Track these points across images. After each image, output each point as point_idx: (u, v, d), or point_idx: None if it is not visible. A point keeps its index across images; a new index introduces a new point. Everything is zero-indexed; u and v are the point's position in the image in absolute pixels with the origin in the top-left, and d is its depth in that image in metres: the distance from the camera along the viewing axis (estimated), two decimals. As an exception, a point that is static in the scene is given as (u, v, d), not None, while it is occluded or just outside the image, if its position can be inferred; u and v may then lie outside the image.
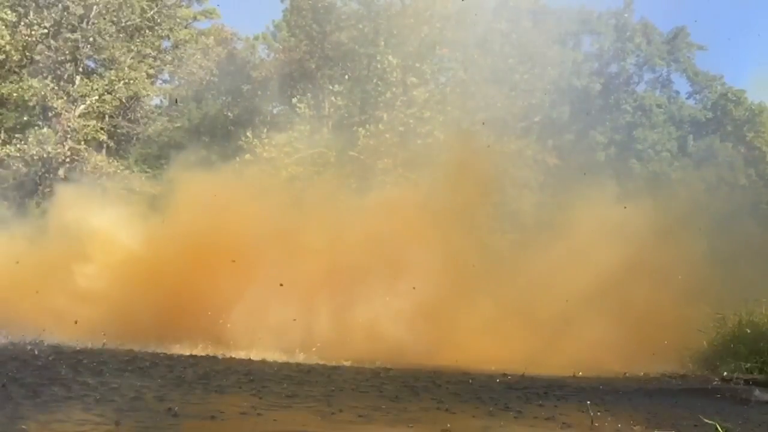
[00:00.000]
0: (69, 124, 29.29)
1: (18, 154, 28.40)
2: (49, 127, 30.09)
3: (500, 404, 6.30)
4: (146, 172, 33.37)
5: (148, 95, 33.91)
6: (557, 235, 15.63)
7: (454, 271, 14.07)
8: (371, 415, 5.38)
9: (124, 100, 32.57)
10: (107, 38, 31.02)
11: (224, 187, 15.20)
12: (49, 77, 30.20)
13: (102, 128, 32.01)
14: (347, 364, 9.67)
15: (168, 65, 35.41)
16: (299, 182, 29.07)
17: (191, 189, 15.22)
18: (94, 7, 30.21)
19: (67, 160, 29.98)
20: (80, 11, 30.07)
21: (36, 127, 29.90)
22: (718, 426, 4.54)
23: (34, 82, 28.77)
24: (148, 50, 33.24)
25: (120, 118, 35.19)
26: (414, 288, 12.79)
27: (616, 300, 13.34)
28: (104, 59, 32.48)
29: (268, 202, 14.89)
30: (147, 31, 33.05)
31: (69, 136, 29.58)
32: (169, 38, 34.97)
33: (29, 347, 8.84)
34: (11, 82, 28.85)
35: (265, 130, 33.39)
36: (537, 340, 12.43)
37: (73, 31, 30.63)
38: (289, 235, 13.86)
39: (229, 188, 15.48)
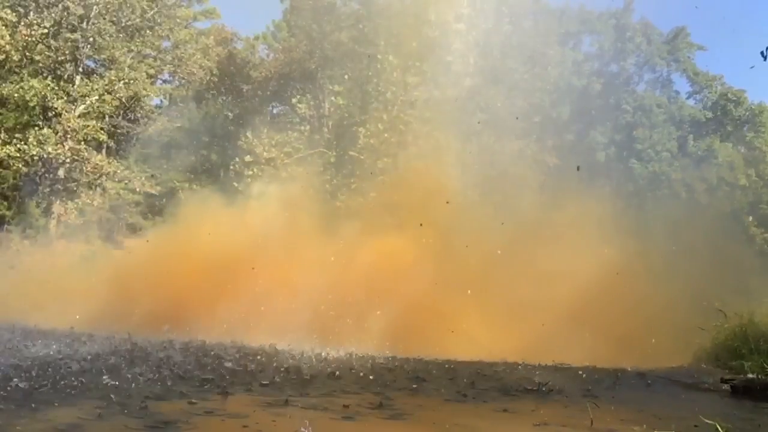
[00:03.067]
0: (69, 124, 29.27)
1: (18, 154, 28.38)
2: (49, 127, 30.07)
3: (499, 403, 6.29)
4: (146, 172, 33.37)
5: (148, 95, 33.90)
6: (554, 237, 15.77)
7: (450, 271, 14.33)
8: (366, 411, 5.38)
9: (124, 100, 32.56)
10: (107, 38, 31.01)
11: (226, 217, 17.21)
12: (49, 77, 30.20)
13: (102, 128, 32.00)
14: (344, 357, 9.68)
15: (168, 65, 35.40)
16: (299, 182, 29.10)
17: (199, 219, 17.15)
18: (94, 7, 30.19)
19: (67, 160, 29.97)
20: (80, 11, 30.06)
21: (36, 127, 29.88)
22: (718, 426, 4.54)
23: (35, 82, 28.75)
24: (148, 50, 33.24)
25: (120, 118, 35.18)
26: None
27: (612, 301, 13.51)
28: (104, 59, 32.47)
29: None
30: (147, 31, 33.04)
31: (69, 136, 29.56)
32: (169, 38, 34.96)
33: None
34: (11, 82, 28.84)
35: (265, 130, 33.41)
36: (534, 337, 12.55)
37: (73, 31, 30.63)
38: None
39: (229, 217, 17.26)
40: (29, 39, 28.97)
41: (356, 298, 13.66)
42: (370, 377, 7.62)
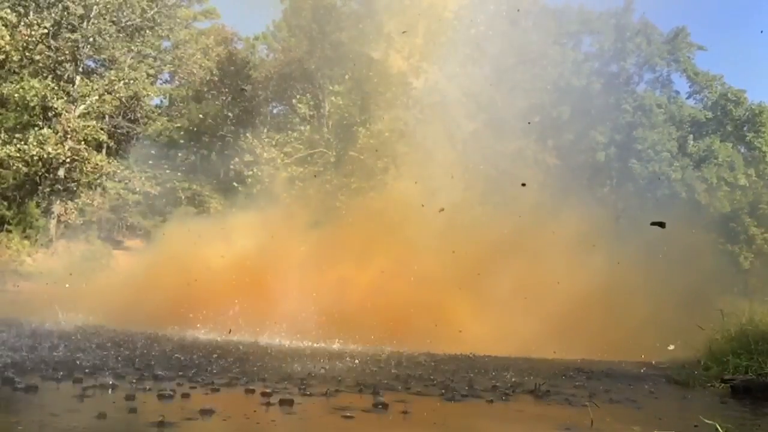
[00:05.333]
0: (69, 124, 29.26)
1: (18, 154, 28.37)
2: (49, 127, 30.06)
3: (498, 403, 6.30)
4: (146, 172, 33.39)
5: (148, 95, 33.90)
6: (552, 238, 15.92)
7: (448, 271, 14.51)
8: (366, 411, 5.39)
9: (124, 100, 32.55)
10: (107, 38, 31.00)
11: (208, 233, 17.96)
12: (49, 77, 30.18)
13: (102, 128, 31.99)
14: (345, 356, 9.71)
15: (168, 65, 35.39)
16: (299, 182, 29.12)
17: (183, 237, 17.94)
18: (94, 7, 30.18)
19: (67, 160, 29.96)
20: (80, 11, 30.05)
21: (36, 127, 29.87)
22: (718, 426, 4.54)
23: (35, 82, 28.74)
24: (148, 50, 33.22)
25: (120, 118, 35.17)
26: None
27: (606, 302, 13.67)
28: (104, 59, 32.47)
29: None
30: (147, 31, 33.03)
31: (69, 136, 29.55)
32: (169, 38, 34.95)
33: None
34: (11, 82, 28.82)
35: (265, 130, 33.38)
36: (530, 335, 12.67)
37: (73, 31, 30.62)
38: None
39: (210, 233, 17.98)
40: (29, 39, 28.96)
41: (356, 297, 13.74)
42: (370, 377, 7.62)
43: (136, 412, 4.92)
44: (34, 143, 28.50)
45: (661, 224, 9.09)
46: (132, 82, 30.92)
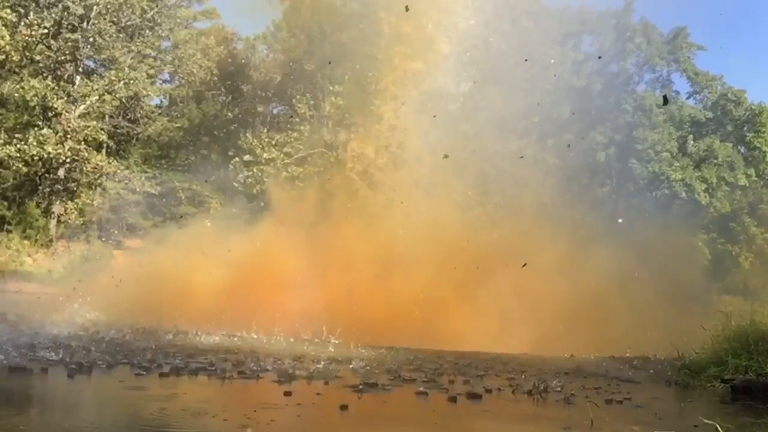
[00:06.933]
0: (69, 124, 29.27)
1: (18, 154, 28.37)
2: (49, 127, 30.06)
3: (498, 403, 6.29)
4: (146, 172, 33.38)
5: (148, 95, 33.89)
6: (551, 239, 16.00)
7: (449, 269, 14.58)
8: (365, 411, 5.39)
9: (124, 100, 32.55)
10: (107, 38, 31.02)
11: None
12: (49, 77, 30.19)
13: (102, 128, 31.98)
14: (345, 356, 9.71)
15: (168, 65, 35.37)
16: (299, 183, 29.11)
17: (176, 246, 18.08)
18: (94, 7, 30.20)
19: (67, 160, 29.96)
20: (80, 11, 30.07)
21: (36, 127, 29.88)
22: (718, 426, 4.53)
23: (35, 82, 28.75)
24: (148, 50, 33.22)
25: (120, 118, 35.16)
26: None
27: (605, 303, 13.74)
28: (104, 59, 32.49)
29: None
30: (147, 31, 33.04)
31: (69, 136, 29.55)
32: (169, 38, 34.95)
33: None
34: (11, 82, 28.84)
35: (265, 130, 33.35)
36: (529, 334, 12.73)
37: (73, 31, 30.63)
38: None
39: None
40: (29, 39, 28.99)
41: (355, 297, 13.75)
42: (370, 377, 7.62)
43: (135, 410, 4.92)
44: (34, 143, 28.51)
45: (665, 100, 9.39)
46: (132, 82, 30.92)
